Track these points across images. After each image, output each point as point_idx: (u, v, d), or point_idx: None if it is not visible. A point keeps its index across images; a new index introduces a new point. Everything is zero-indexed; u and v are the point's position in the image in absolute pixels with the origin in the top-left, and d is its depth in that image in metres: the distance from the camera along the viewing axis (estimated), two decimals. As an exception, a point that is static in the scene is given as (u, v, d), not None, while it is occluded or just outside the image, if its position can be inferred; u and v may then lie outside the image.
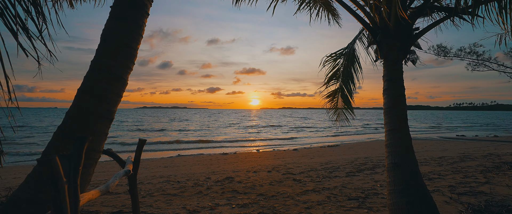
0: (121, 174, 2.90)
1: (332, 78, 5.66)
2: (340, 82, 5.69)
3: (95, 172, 2.83)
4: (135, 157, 3.48)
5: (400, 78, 3.77)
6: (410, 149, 3.58)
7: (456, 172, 7.40)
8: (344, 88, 5.68)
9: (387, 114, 3.75)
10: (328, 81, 5.66)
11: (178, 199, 5.37)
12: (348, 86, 5.63)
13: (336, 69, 5.64)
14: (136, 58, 2.75)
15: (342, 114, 6.08)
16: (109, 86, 2.54)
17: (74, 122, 2.41)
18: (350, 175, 7.29)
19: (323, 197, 5.29)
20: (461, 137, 23.39)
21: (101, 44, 2.57)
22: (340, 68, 5.63)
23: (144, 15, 2.74)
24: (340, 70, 5.63)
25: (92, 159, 2.51)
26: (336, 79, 5.68)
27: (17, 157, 14.20)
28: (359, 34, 5.65)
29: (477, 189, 5.59)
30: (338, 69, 5.64)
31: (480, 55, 8.78)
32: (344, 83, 5.66)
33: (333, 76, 5.65)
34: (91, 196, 1.90)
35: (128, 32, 2.62)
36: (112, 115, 2.64)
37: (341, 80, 5.65)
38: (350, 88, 5.62)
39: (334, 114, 6.10)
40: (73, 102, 2.48)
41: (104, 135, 2.60)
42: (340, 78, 5.65)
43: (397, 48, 3.74)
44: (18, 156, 14.53)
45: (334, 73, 5.64)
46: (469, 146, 15.02)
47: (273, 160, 11.30)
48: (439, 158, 10.20)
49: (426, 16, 4.24)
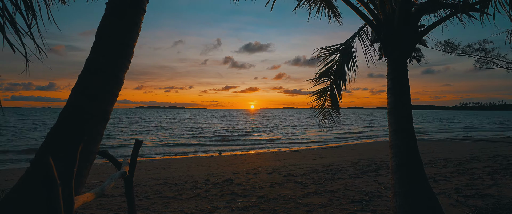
0: (117, 176, 2.90)
1: (324, 75, 5.60)
2: (331, 80, 5.64)
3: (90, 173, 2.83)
4: (131, 158, 3.48)
5: (404, 77, 3.77)
6: (415, 150, 3.58)
7: (463, 173, 7.40)
8: (334, 87, 5.64)
9: (392, 113, 3.75)
10: (320, 77, 5.60)
11: (176, 202, 5.37)
12: (338, 85, 5.58)
13: (329, 65, 5.57)
14: (132, 57, 2.74)
15: (329, 114, 5.96)
16: (105, 85, 2.54)
17: (68, 122, 2.41)
18: (353, 177, 7.29)
19: (325, 200, 5.29)
20: (467, 137, 23.39)
21: (96, 42, 2.57)
22: (333, 66, 5.58)
23: (140, 12, 2.74)
24: (333, 67, 5.58)
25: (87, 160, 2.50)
26: (328, 77, 5.62)
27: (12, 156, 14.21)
28: (359, 31, 5.62)
29: (484, 191, 5.58)
30: (331, 66, 5.57)
31: (488, 52, 8.77)
32: (335, 81, 5.61)
33: (325, 74, 5.58)
34: (86, 199, 1.90)
35: (124, 29, 2.62)
36: (108, 115, 2.64)
37: (333, 78, 5.61)
38: (340, 86, 5.57)
39: (320, 114, 5.97)
40: (67, 102, 2.48)
41: (100, 136, 2.60)
42: (332, 75, 5.60)
43: (401, 46, 3.74)
44: (11, 155, 14.55)
45: (327, 70, 5.56)
46: (476, 147, 15.02)
47: (274, 162, 11.30)
48: (445, 159, 10.20)
49: (431, 13, 4.24)
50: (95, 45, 2.54)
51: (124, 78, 2.71)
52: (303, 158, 12.31)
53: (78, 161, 1.59)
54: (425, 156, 10.90)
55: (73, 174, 1.51)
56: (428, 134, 29.60)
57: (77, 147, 1.55)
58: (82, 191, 2.51)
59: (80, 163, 2.46)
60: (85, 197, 1.87)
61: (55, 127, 2.51)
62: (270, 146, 20.86)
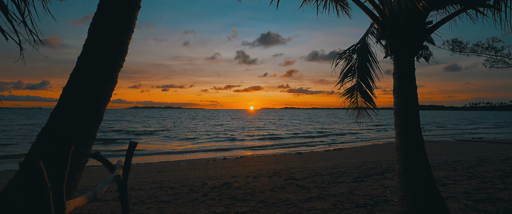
0: (110, 180, 2.90)
1: (348, 74, 5.67)
2: (356, 78, 5.69)
3: (82, 177, 2.83)
4: (125, 161, 3.48)
5: (411, 76, 3.77)
6: (422, 152, 3.58)
7: (472, 177, 7.41)
8: (362, 84, 5.68)
9: (398, 114, 3.75)
10: (343, 78, 5.67)
11: (172, 207, 5.37)
12: (366, 82, 5.63)
13: (350, 65, 5.65)
14: (126, 54, 2.74)
15: (363, 111, 6.04)
16: (97, 84, 2.53)
17: (59, 123, 2.40)
18: (357, 181, 7.30)
19: (328, 205, 5.29)
20: (477, 139, 23.40)
21: (89, 38, 2.57)
22: (355, 64, 5.65)
23: (135, 7, 2.73)
24: (355, 66, 5.65)
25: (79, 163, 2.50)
26: (352, 75, 5.69)
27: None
28: (371, 27, 5.66)
29: (495, 195, 5.59)
30: (353, 64, 5.66)
31: (498, 51, 8.77)
32: (361, 79, 5.66)
33: (348, 72, 5.67)
34: (78, 203, 1.90)
35: (118, 25, 2.61)
36: (101, 115, 2.63)
37: (358, 76, 5.66)
38: (368, 83, 5.62)
39: (354, 112, 6.07)
40: (58, 102, 2.47)
41: (92, 137, 2.59)
42: (356, 73, 5.67)
43: (408, 43, 3.74)
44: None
45: (349, 69, 5.65)
46: (486, 149, 15.03)
47: (275, 164, 11.30)
48: (454, 162, 10.20)
49: (440, 9, 4.24)
50: (88, 42, 2.54)
51: (117, 77, 2.71)
52: (306, 161, 12.32)
53: (69, 163, 1.59)
54: (433, 159, 10.90)
55: (64, 178, 1.51)
56: (436, 135, 29.47)
57: (68, 149, 1.55)
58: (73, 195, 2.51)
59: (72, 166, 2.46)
60: (76, 202, 1.87)
61: (45, 127, 2.51)
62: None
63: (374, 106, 5.79)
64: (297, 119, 75.04)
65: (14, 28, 2.13)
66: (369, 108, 5.81)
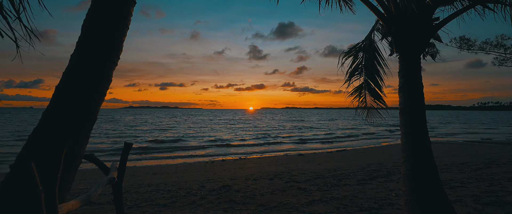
0: (105, 182, 2.90)
1: (354, 73, 5.67)
2: (363, 76, 5.69)
3: (75, 179, 2.83)
4: (120, 162, 3.48)
5: (417, 75, 3.77)
6: (429, 153, 3.58)
7: (481, 179, 7.41)
8: (370, 82, 5.67)
9: (403, 114, 3.75)
10: (350, 77, 5.67)
11: (169, 210, 5.38)
12: (375, 80, 5.62)
13: (356, 63, 5.65)
14: (121, 52, 2.74)
15: (373, 111, 6.03)
16: (91, 83, 2.53)
17: (51, 123, 2.40)
18: (361, 183, 7.30)
19: (331, 208, 5.29)
20: (486, 140, 23.40)
21: (82, 36, 2.56)
22: (361, 62, 5.65)
23: (130, 3, 2.73)
24: (362, 64, 5.65)
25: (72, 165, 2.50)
26: (359, 73, 5.68)
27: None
28: (376, 24, 5.65)
29: (504, 198, 5.59)
30: (359, 62, 5.65)
31: (508, 49, 8.78)
32: (369, 77, 5.65)
33: (355, 71, 5.66)
34: (71, 207, 1.90)
35: (112, 22, 2.61)
36: (95, 116, 2.63)
37: (365, 74, 5.66)
38: (377, 82, 5.61)
39: (363, 111, 6.06)
40: (51, 101, 2.47)
41: (86, 138, 2.59)
42: (363, 71, 5.66)
43: (414, 40, 3.74)
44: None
45: (355, 67, 5.64)
46: (496, 150, 15.03)
47: (275, 166, 11.31)
48: (462, 163, 10.20)
49: (447, 5, 4.24)
50: (81, 40, 2.54)
51: (112, 76, 2.71)
52: (307, 162, 12.32)
53: (62, 165, 1.59)
54: (439, 160, 10.90)
55: (57, 180, 1.51)
56: (443, 136, 29.52)
57: (61, 150, 1.55)
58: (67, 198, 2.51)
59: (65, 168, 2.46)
60: (70, 205, 1.87)
61: (37, 128, 2.51)
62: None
63: (385, 105, 5.77)
64: (296, 120, 74.96)
65: (9, 25, 2.12)
66: (379, 107, 5.80)
